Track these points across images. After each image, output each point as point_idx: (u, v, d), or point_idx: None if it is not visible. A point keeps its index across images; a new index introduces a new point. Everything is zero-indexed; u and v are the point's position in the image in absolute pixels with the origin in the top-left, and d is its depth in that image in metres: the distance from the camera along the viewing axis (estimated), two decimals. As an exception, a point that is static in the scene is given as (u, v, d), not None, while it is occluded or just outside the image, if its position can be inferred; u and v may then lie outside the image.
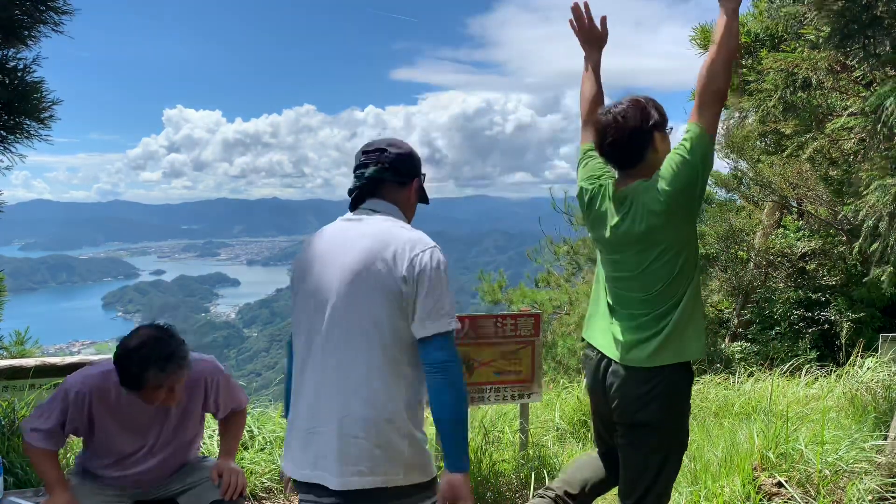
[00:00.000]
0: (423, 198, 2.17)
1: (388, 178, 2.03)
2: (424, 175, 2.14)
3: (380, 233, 1.93)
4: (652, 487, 2.32)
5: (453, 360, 1.87)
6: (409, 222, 2.08)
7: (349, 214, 2.06)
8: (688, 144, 2.13)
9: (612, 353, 2.33)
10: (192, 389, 2.55)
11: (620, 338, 2.29)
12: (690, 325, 2.25)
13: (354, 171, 2.08)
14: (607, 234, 2.31)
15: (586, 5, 2.54)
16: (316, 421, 1.91)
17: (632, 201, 2.23)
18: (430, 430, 2.68)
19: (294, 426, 2.00)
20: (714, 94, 2.15)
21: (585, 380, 2.52)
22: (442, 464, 1.94)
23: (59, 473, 2.45)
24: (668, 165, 2.16)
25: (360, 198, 2.06)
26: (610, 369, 2.32)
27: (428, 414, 2.02)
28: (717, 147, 11.76)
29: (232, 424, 2.81)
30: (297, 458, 1.96)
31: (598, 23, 2.58)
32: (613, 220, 2.28)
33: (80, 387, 2.41)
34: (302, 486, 1.98)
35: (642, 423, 2.26)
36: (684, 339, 2.24)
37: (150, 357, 2.29)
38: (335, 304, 1.91)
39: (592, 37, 2.60)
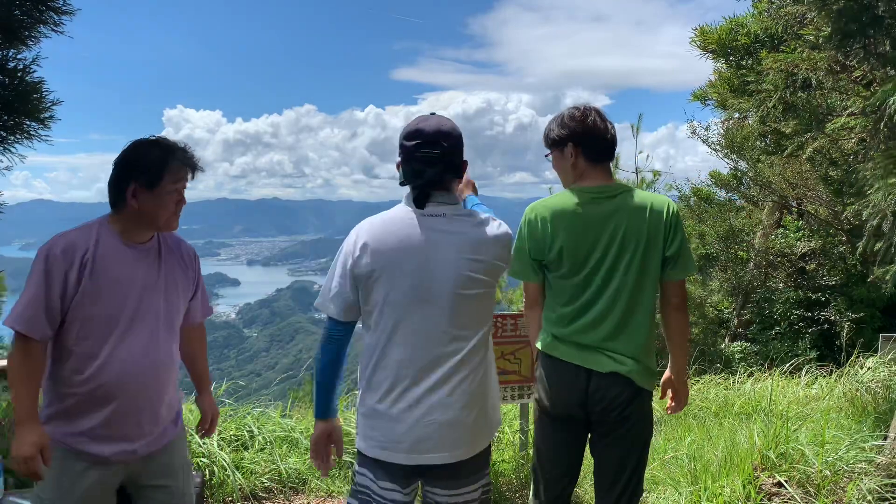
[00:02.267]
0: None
1: (448, 177, 2.07)
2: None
3: (472, 225, 2.06)
4: (632, 480, 2.40)
5: None
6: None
7: (427, 208, 2.04)
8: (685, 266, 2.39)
9: (600, 364, 2.32)
10: (178, 247, 2.32)
11: (610, 349, 2.31)
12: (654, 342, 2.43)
13: (410, 160, 2.04)
14: (601, 233, 2.30)
15: None
16: (430, 410, 2.01)
17: (628, 205, 2.31)
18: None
19: (413, 417, 2.01)
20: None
21: (550, 385, 2.40)
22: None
23: (35, 403, 2.05)
24: (685, 242, 2.38)
25: (427, 195, 2.05)
26: (593, 376, 2.32)
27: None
28: (717, 147, 11.79)
29: (200, 349, 2.54)
30: (408, 446, 2.01)
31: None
32: (598, 210, 2.31)
33: (64, 242, 2.05)
34: (399, 474, 2.04)
35: (628, 416, 2.32)
36: (653, 353, 2.41)
37: (172, 144, 2.15)
38: (451, 297, 2.00)
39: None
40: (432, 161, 2.02)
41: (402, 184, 2.09)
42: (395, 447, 2.02)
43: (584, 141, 2.37)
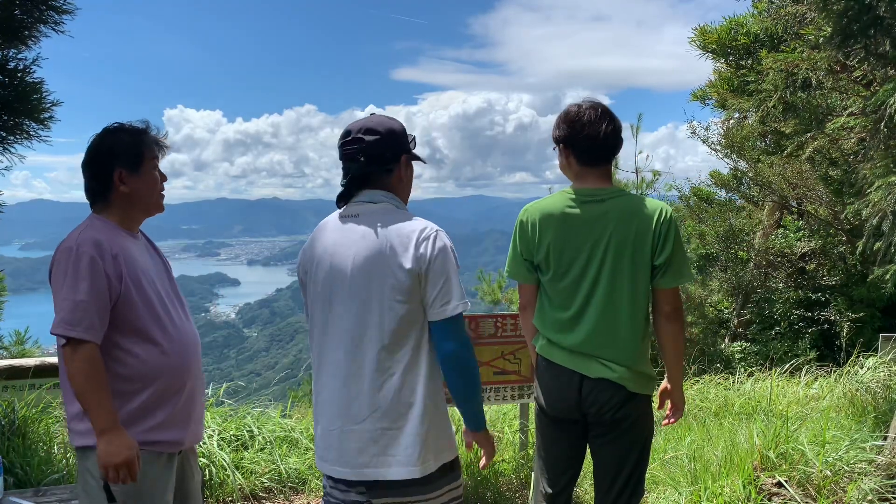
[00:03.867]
0: (417, 159, 2.13)
1: (372, 170, 2.00)
2: (413, 138, 2.09)
3: (381, 226, 1.94)
4: (630, 480, 2.38)
5: (463, 345, 1.94)
6: (406, 201, 2.08)
7: (347, 208, 2.03)
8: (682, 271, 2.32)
9: (590, 369, 2.31)
10: (152, 241, 2.32)
11: (601, 355, 2.29)
12: (647, 348, 2.37)
13: (340, 158, 2.05)
14: (587, 238, 2.28)
15: None
16: (345, 420, 1.94)
17: (617, 210, 2.27)
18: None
19: (323, 426, 2.00)
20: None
21: (547, 387, 2.40)
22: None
23: (112, 407, 1.94)
24: (678, 250, 2.29)
25: (349, 193, 2.04)
26: (585, 380, 2.31)
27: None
28: (716, 147, 11.78)
29: None
30: (334, 457, 1.97)
31: None
32: (592, 219, 2.27)
33: (88, 239, 1.99)
34: (341, 483, 1.99)
35: (622, 419, 2.31)
36: (647, 359, 2.36)
37: (137, 127, 2.15)
38: (351, 306, 1.93)
39: None
40: (352, 156, 1.99)
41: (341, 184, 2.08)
42: (322, 454, 2.02)
43: (573, 143, 2.32)
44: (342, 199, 2.05)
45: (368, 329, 1.92)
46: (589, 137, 2.28)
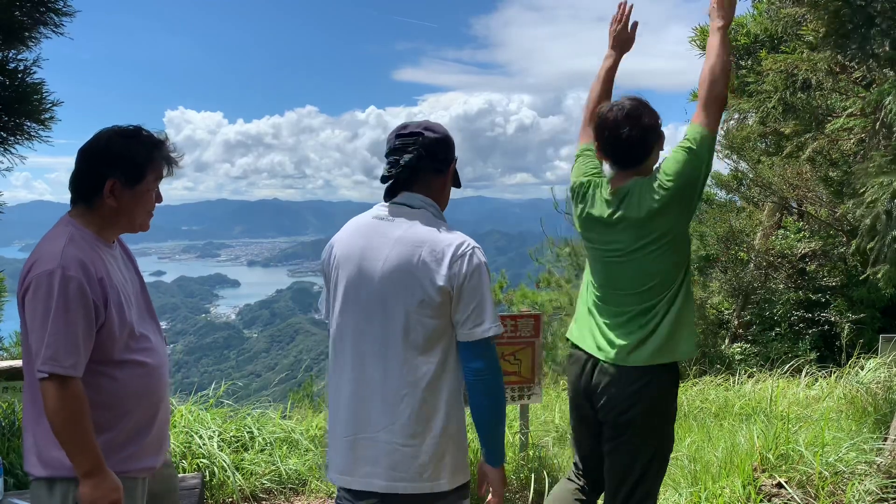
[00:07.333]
0: (457, 182, 2.07)
1: (424, 165, 1.92)
2: (457, 158, 2.04)
3: (418, 236, 1.87)
4: (637, 488, 2.34)
5: (491, 368, 1.87)
6: (443, 209, 2.02)
7: (382, 209, 1.95)
8: (694, 144, 2.20)
9: (602, 353, 2.32)
10: (125, 246, 2.14)
11: (613, 338, 2.29)
12: (685, 327, 2.29)
13: (387, 156, 1.95)
14: (600, 225, 2.32)
15: (630, 7, 2.62)
16: (360, 428, 1.89)
17: (629, 194, 2.26)
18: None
19: (336, 433, 1.95)
20: (716, 98, 2.25)
21: (569, 378, 2.46)
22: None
23: (97, 446, 1.80)
24: (672, 161, 2.22)
25: (395, 187, 1.96)
26: (598, 368, 2.32)
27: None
28: (717, 148, 11.78)
29: None
30: (342, 466, 1.92)
31: (631, 28, 2.66)
32: (607, 210, 2.30)
33: (71, 260, 1.79)
34: (349, 493, 1.94)
35: (629, 423, 2.28)
36: (677, 339, 2.27)
37: (154, 138, 1.93)
38: (375, 312, 1.87)
39: (622, 38, 2.65)
40: (408, 147, 1.90)
41: (382, 178, 1.96)
42: (333, 466, 1.96)
43: (601, 146, 2.34)
44: (389, 194, 1.96)
45: (393, 339, 1.85)
46: (611, 140, 2.27)
